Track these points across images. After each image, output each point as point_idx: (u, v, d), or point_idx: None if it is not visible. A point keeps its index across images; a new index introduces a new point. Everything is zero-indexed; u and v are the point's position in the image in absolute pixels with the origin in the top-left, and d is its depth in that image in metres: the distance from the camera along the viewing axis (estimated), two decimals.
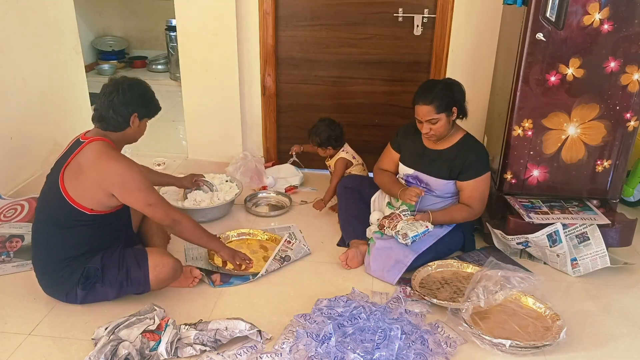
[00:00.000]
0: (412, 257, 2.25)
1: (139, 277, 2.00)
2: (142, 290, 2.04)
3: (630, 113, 2.25)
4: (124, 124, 1.99)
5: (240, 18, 3.07)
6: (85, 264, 1.98)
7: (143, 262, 2.01)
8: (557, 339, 1.86)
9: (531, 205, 2.43)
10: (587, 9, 2.11)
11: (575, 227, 2.31)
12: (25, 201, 2.54)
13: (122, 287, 2.00)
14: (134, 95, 1.98)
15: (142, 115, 2.03)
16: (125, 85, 1.98)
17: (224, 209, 2.81)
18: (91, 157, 1.92)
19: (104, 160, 1.92)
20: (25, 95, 2.96)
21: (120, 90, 1.96)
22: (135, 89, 2.00)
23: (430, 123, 2.27)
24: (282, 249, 2.41)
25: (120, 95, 1.96)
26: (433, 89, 2.27)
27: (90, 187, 1.92)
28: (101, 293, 2.01)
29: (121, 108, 1.96)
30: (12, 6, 2.81)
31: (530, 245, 2.38)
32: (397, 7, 3.01)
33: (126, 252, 2.04)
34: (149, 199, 1.97)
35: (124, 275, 2.00)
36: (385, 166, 2.57)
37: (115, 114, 1.96)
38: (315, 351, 1.79)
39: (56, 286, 2.02)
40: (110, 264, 2.00)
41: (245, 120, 3.32)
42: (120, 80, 2.01)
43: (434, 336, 1.92)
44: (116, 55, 6.07)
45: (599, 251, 2.28)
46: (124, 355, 1.74)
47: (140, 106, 2.01)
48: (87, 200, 1.93)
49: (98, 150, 1.93)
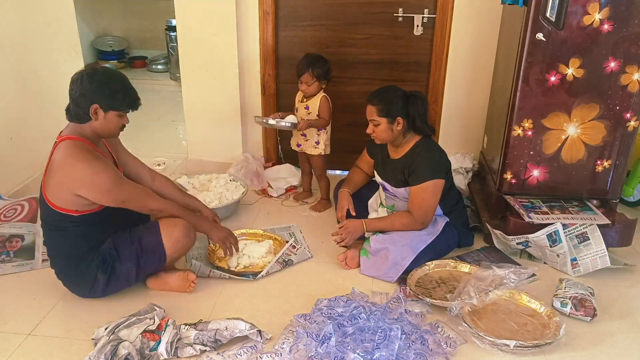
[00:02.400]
0: (410, 258, 2.25)
1: (153, 243, 2.00)
2: (160, 259, 2.02)
3: (630, 113, 2.25)
4: (85, 115, 1.88)
5: (240, 18, 3.07)
6: (98, 250, 1.98)
7: (154, 227, 2.02)
8: (558, 336, 1.87)
9: (531, 205, 2.43)
10: (587, 9, 2.11)
11: (575, 227, 2.31)
12: (25, 201, 2.54)
13: (140, 258, 1.99)
14: (93, 85, 1.85)
15: (105, 106, 1.88)
16: (86, 74, 1.87)
17: (231, 209, 2.83)
18: (59, 159, 1.87)
19: (70, 162, 1.85)
20: (25, 95, 2.96)
21: (80, 79, 1.86)
22: (97, 78, 1.86)
23: (373, 124, 2.33)
24: (287, 253, 2.42)
25: (79, 84, 1.85)
26: (385, 93, 2.33)
27: (61, 190, 1.88)
28: (122, 274, 2.00)
29: (79, 98, 1.86)
30: (12, 6, 2.81)
31: (530, 245, 2.38)
32: (397, 7, 3.01)
33: (136, 227, 2.05)
34: (120, 197, 1.92)
35: (137, 245, 1.99)
36: (361, 165, 2.66)
37: (74, 105, 1.88)
38: (315, 351, 1.79)
39: (78, 280, 2.02)
40: (121, 241, 2.00)
41: (245, 121, 3.32)
42: (84, 69, 1.91)
43: (434, 336, 1.92)
44: (116, 55, 6.07)
45: (598, 251, 2.28)
46: (124, 355, 1.74)
47: (102, 97, 1.86)
48: (64, 202, 1.89)
49: (66, 150, 1.87)
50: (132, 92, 1.95)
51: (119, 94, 1.91)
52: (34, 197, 2.54)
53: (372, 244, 2.33)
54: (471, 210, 2.79)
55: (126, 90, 1.93)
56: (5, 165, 2.83)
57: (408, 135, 2.36)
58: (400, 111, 2.29)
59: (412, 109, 2.30)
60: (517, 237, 2.36)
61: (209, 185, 2.99)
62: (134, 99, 1.95)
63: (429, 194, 2.29)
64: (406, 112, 2.30)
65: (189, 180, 3.03)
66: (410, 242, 2.28)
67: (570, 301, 2.05)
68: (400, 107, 2.29)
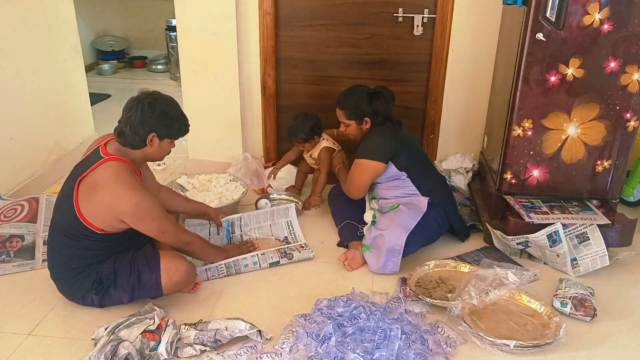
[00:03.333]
0: (404, 235, 2.28)
1: (151, 282, 1.97)
2: (155, 295, 2.00)
3: (630, 113, 2.25)
4: (141, 142, 1.90)
5: (240, 18, 3.07)
6: (98, 269, 1.96)
7: (155, 266, 1.98)
8: (558, 337, 1.87)
9: (531, 205, 2.43)
10: (587, 9, 2.11)
11: (575, 227, 2.31)
12: (25, 201, 2.54)
13: (135, 291, 1.97)
14: (154, 114, 1.86)
15: (162, 135, 1.92)
16: (146, 102, 1.87)
17: (231, 209, 2.83)
18: (107, 179, 1.85)
19: (120, 187, 1.84)
20: (25, 95, 2.96)
21: (139, 107, 1.86)
22: (157, 107, 1.87)
23: (344, 125, 2.54)
24: (291, 248, 2.44)
25: (139, 112, 1.85)
26: (351, 96, 2.48)
27: (101, 210, 1.87)
28: (115, 297, 1.99)
29: (138, 127, 1.86)
30: (12, 6, 2.81)
31: (530, 245, 2.38)
32: (397, 7, 3.01)
33: (138, 256, 2.01)
34: (161, 227, 1.94)
35: (135, 279, 1.97)
36: None
37: (131, 132, 1.87)
38: (315, 351, 1.79)
39: (72, 290, 2.01)
40: (122, 267, 1.97)
41: (245, 120, 3.32)
42: (143, 95, 1.90)
43: (434, 336, 1.92)
44: (116, 55, 6.07)
45: (599, 251, 2.28)
46: (124, 355, 1.75)
47: (160, 126, 1.89)
48: (98, 221, 1.89)
49: (115, 173, 1.85)
50: (186, 119, 1.99)
51: (177, 124, 1.94)
52: (34, 197, 2.54)
53: (368, 238, 2.37)
54: (471, 210, 2.79)
55: (182, 118, 1.97)
56: (5, 165, 2.83)
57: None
58: (366, 111, 2.46)
59: (376, 107, 2.45)
60: (517, 237, 2.36)
61: (209, 185, 2.99)
62: (187, 126, 2.00)
63: (357, 171, 2.45)
64: (371, 110, 2.45)
65: (188, 180, 3.03)
66: (400, 222, 2.32)
67: (570, 301, 2.05)
68: (366, 108, 2.45)
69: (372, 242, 2.34)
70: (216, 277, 2.28)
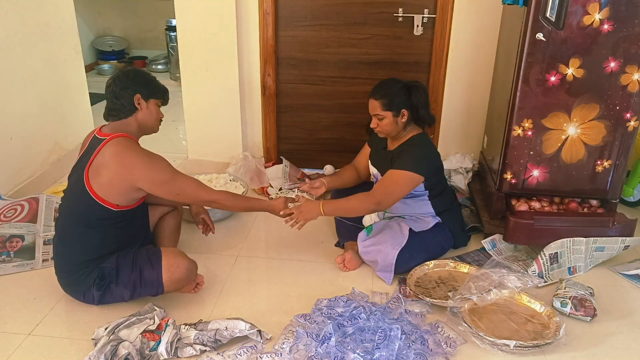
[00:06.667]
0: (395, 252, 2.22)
1: (152, 278, 1.98)
2: (156, 292, 2.01)
3: (630, 113, 2.24)
4: (130, 106, 2.00)
5: (240, 18, 3.07)
6: (101, 264, 1.98)
7: (156, 262, 2.00)
8: (558, 337, 1.87)
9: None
10: (587, 9, 2.11)
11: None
12: (25, 201, 2.54)
13: (136, 287, 1.99)
14: (129, 78, 2.01)
15: (145, 95, 2.03)
16: (120, 73, 2.04)
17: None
18: (114, 153, 1.92)
19: (128, 154, 1.93)
20: (25, 95, 2.96)
21: (116, 79, 2.02)
22: (131, 72, 2.04)
23: (377, 118, 2.32)
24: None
25: (117, 82, 2.00)
26: (388, 87, 2.30)
27: (115, 182, 1.92)
28: (116, 293, 2.00)
29: (122, 93, 1.99)
30: (12, 6, 2.81)
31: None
32: (397, 7, 3.01)
33: (140, 252, 2.03)
34: (176, 188, 2.01)
35: (137, 275, 1.98)
36: (357, 163, 2.67)
37: (118, 101, 1.99)
38: (315, 351, 1.79)
39: (74, 285, 2.02)
40: (124, 264, 1.99)
41: (245, 120, 3.32)
42: (115, 73, 2.07)
43: (434, 336, 1.92)
44: (116, 55, 6.08)
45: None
46: (124, 355, 1.75)
47: (140, 86, 2.02)
48: (113, 195, 1.93)
49: (121, 144, 1.94)
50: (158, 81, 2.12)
51: (153, 82, 2.08)
52: (34, 197, 2.54)
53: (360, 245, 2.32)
54: (471, 210, 2.79)
55: (155, 80, 2.10)
56: (5, 165, 2.83)
57: (408, 128, 2.36)
58: (404, 103, 2.28)
59: (415, 99, 2.29)
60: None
61: (209, 185, 2.99)
62: (164, 88, 2.12)
63: (400, 181, 2.23)
64: (410, 103, 2.29)
65: None
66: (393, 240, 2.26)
67: (570, 301, 2.05)
68: (404, 99, 2.28)
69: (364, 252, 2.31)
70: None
